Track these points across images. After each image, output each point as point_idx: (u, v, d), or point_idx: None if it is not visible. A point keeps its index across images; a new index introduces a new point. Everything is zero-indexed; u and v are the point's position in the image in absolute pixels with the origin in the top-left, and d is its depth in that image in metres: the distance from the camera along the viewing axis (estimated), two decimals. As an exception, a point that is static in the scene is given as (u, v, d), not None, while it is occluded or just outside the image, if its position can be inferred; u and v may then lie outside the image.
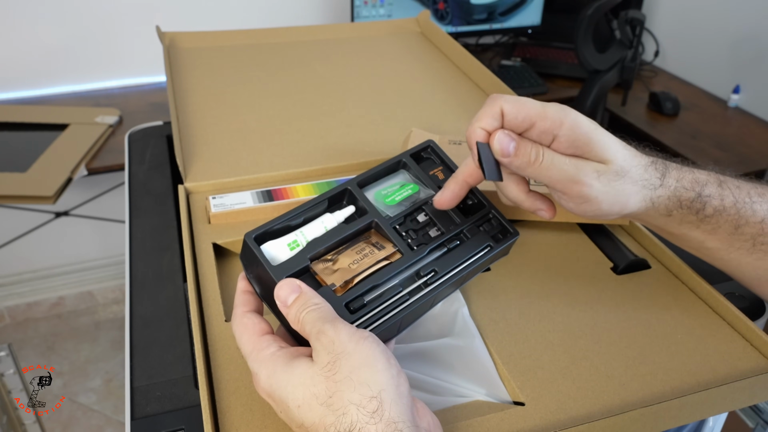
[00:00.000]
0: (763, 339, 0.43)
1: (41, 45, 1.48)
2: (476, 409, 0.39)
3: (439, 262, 0.41)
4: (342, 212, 0.42)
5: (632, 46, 1.51)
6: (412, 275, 0.40)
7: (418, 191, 0.45)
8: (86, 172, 1.19)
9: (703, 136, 1.53)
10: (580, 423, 0.38)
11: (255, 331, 0.36)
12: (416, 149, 0.47)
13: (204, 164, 0.61)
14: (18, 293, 1.78)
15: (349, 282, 0.38)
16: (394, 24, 0.96)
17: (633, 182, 0.41)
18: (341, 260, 0.39)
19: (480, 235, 0.43)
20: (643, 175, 0.41)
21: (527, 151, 0.40)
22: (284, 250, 0.39)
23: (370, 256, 0.40)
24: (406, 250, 0.40)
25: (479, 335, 0.44)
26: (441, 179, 0.46)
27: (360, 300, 0.38)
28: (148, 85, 1.58)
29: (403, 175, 0.46)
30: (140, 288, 0.50)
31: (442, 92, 0.77)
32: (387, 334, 0.38)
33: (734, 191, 0.43)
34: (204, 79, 0.77)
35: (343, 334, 0.32)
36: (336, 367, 0.31)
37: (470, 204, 0.45)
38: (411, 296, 0.39)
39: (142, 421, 0.39)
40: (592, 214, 0.41)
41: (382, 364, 0.32)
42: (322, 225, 0.41)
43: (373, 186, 0.45)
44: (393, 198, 0.44)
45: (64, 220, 1.66)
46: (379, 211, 0.42)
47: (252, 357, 0.35)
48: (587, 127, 0.40)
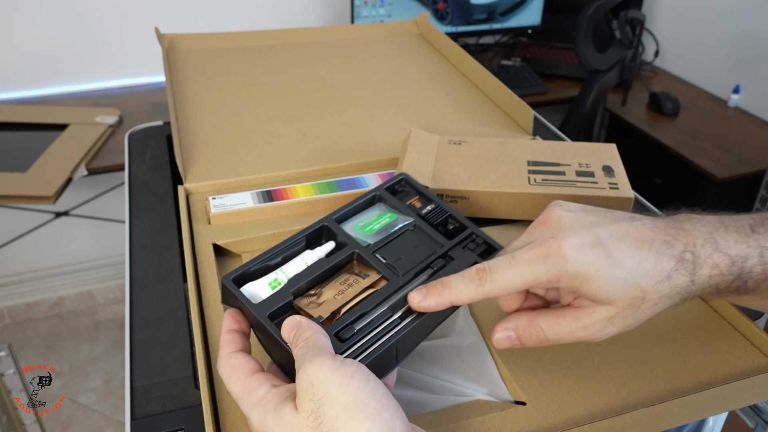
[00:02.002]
0: (763, 338, 0.43)
1: (41, 45, 1.48)
2: (477, 409, 0.39)
3: (426, 283, 0.39)
4: (323, 248, 0.41)
5: (632, 46, 1.52)
6: (401, 299, 0.38)
7: (396, 219, 0.44)
8: (86, 172, 1.19)
9: (703, 136, 1.53)
10: (582, 423, 0.38)
11: (244, 371, 0.33)
12: (390, 183, 0.47)
13: (204, 165, 0.61)
14: (18, 293, 1.78)
15: (336, 313, 0.37)
16: (392, 26, 0.96)
17: (654, 303, 0.35)
18: (325, 293, 0.38)
19: (466, 255, 0.41)
20: (667, 290, 0.34)
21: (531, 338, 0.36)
22: (265, 289, 0.37)
23: (355, 285, 0.39)
24: (392, 276, 0.39)
25: (480, 335, 0.44)
26: (418, 207, 0.45)
27: (350, 328, 0.36)
28: (148, 85, 1.58)
29: (380, 207, 0.46)
30: (140, 288, 0.50)
31: (442, 93, 0.77)
32: (383, 364, 0.36)
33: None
34: (203, 81, 0.77)
35: (323, 373, 0.29)
36: (320, 415, 0.28)
37: (452, 228, 0.44)
38: (402, 320, 0.37)
39: (142, 421, 0.39)
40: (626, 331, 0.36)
41: (372, 408, 0.28)
42: (303, 262, 0.39)
43: (350, 220, 0.44)
44: (371, 227, 0.43)
45: (64, 220, 1.66)
46: (359, 242, 0.41)
47: (243, 399, 0.32)
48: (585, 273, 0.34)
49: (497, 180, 0.54)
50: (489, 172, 0.55)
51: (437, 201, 0.45)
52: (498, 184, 0.53)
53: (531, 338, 0.36)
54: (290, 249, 0.40)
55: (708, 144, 1.50)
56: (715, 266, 0.35)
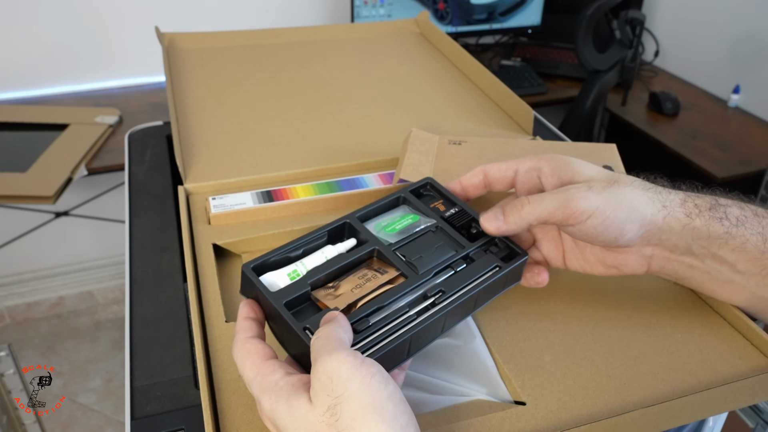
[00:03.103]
0: (763, 338, 0.43)
1: (41, 45, 1.48)
2: (477, 409, 0.39)
3: (446, 283, 0.39)
4: (344, 244, 0.41)
5: (632, 46, 1.52)
6: (418, 297, 0.38)
7: (419, 220, 0.44)
8: (86, 172, 1.19)
9: (703, 136, 1.53)
10: (582, 423, 0.38)
11: (259, 355, 0.33)
12: (415, 186, 0.47)
13: (204, 165, 0.61)
14: (18, 293, 1.78)
15: (352, 306, 0.37)
16: (393, 25, 0.96)
17: (630, 186, 0.40)
18: (343, 286, 0.38)
19: (487, 257, 0.42)
20: (639, 182, 0.40)
21: (512, 206, 0.41)
22: (284, 279, 0.37)
23: (373, 280, 0.39)
24: (411, 274, 0.39)
25: (480, 334, 0.44)
26: (442, 210, 0.45)
27: (365, 321, 0.36)
28: (148, 85, 1.58)
29: (403, 209, 0.46)
30: (140, 288, 0.50)
31: (442, 92, 0.77)
32: (394, 358, 0.36)
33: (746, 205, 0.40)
34: (203, 80, 0.77)
35: (344, 369, 0.29)
36: (337, 413, 0.28)
37: (474, 232, 0.44)
38: (419, 316, 0.37)
39: (142, 421, 0.39)
40: (602, 228, 0.39)
41: (389, 412, 0.28)
42: (323, 255, 0.40)
43: (372, 220, 0.44)
44: (393, 227, 0.43)
45: (64, 220, 1.66)
46: (380, 240, 0.41)
47: (255, 383, 0.32)
48: (564, 156, 0.42)
49: (497, 180, 0.54)
50: (489, 172, 0.55)
51: (461, 204, 0.45)
52: (498, 184, 0.53)
53: (514, 208, 0.40)
54: (311, 243, 0.41)
55: (708, 144, 1.50)
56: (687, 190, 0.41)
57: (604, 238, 0.40)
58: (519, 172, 0.43)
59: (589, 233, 0.39)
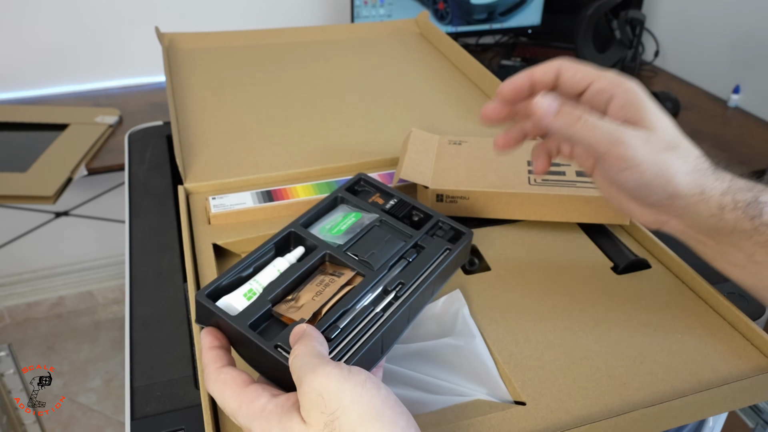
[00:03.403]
0: (763, 338, 0.43)
1: (41, 45, 1.48)
2: (477, 409, 0.39)
3: (402, 274, 0.40)
4: (293, 254, 0.41)
5: (632, 46, 1.52)
6: (379, 293, 0.38)
7: (362, 217, 0.45)
8: (86, 172, 1.19)
9: (703, 136, 1.53)
10: (582, 423, 0.38)
11: (237, 383, 0.31)
12: (349, 183, 0.48)
13: (204, 165, 0.61)
14: (18, 293, 1.78)
15: (317, 314, 0.37)
16: (393, 25, 0.96)
17: (683, 159, 0.38)
18: (303, 296, 0.38)
19: (436, 241, 0.43)
20: (695, 157, 0.38)
21: (570, 111, 0.38)
22: (241, 301, 0.36)
23: (332, 285, 0.39)
24: (367, 271, 0.39)
25: (480, 335, 0.44)
26: (381, 204, 0.46)
27: (334, 327, 0.35)
28: (148, 85, 1.58)
29: (343, 208, 0.46)
30: (140, 288, 0.50)
31: (442, 92, 0.77)
32: (371, 358, 0.36)
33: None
34: (203, 80, 0.77)
35: (332, 384, 0.28)
36: (336, 428, 0.27)
37: (417, 219, 0.45)
38: (384, 312, 0.37)
39: (142, 421, 0.39)
40: (634, 184, 0.38)
41: (388, 417, 0.28)
42: (275, 269, 0.39)
43: (315, 224, 0.44)
44: (338, 228, 0.43)
45: (64, 220, 1.66)
46: (328, 243, 0.41)
47: (241, 412, 0.30)
48: (642, 94, 0.39)
49: (497, 180, 0.54)
50: (489, 172, 0.55)
51: (398, 195, 0.46)
52: (498, 184, 0.53)
53: (568, 117, 0.38)
54: (260, 259, 0.40)
55: (708, 144, 1.50)
56: (735, 178, 0.38)
57: (630, 189, 0.39)
58: (591, 88, 0.40)
59: (618, 179, 0.39)
